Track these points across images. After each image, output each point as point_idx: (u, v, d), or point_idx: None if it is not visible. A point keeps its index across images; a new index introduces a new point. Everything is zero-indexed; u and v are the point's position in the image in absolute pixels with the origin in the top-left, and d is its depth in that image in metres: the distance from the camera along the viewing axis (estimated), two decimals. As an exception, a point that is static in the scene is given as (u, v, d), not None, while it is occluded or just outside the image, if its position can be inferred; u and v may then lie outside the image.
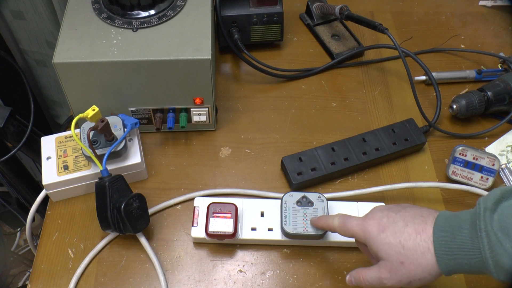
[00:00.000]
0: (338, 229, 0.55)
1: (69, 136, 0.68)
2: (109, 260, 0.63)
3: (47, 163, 0.65)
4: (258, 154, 0.74)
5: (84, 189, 0.67)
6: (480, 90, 0.77)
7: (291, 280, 0.62)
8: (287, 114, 0.79)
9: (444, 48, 0.90)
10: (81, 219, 0.66)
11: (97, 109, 0.59)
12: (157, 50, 0.63)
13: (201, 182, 0.70)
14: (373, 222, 0.51)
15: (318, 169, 0.69)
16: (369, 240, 0.51)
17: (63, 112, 1.23)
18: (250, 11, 0.81)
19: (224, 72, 0.85)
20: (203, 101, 0.69)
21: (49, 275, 0.61)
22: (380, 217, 0.51)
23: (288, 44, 0.89)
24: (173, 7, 0.68)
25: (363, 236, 0.51)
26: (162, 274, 0.61)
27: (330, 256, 0.64)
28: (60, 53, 0.62)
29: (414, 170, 0.73)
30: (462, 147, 0.71)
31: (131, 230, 0.60)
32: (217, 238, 0.62)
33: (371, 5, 0.97)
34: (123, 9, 0.66)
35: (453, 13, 0.97)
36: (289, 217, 0.61)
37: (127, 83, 0.65)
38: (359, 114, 0.79)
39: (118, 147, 0.63)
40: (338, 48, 0.87)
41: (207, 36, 0.65)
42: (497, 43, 0.91)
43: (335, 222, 0.55)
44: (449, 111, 0.78)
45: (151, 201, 0.67)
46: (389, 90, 0.83)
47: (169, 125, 0.71)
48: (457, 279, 0.62)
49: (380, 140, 0.72)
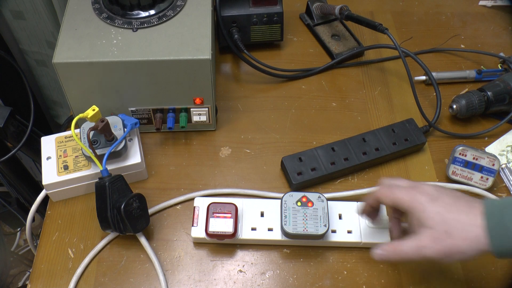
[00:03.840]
0: (382, 194, 0.54)
1: (69, 136, 0.68)
2: (109, 260, 0.63)
3: (47, 163, 0.65)
4: (258, 154, 0.74)
5: (84, 189, 0.67)
6: (480, 90, 0.77)
7: (291, 280, 0.62)
8: (287, 114, 0.79)
9: (444, 48, 0.90)
10: (81, 219, 0.66)
11: (97, 109, 0.59)
12: (157, 50, 0.63)
13: (201, 182, 0.70)
14: (424, 192, 0.51)
15: (318, 169, 0.69)
16: (416, 208, 0.50)
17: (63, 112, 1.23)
18: (250, 11, 0.81)
19: (224, 72, 0.85)
20: (203, 101, 0.69)
21: (49, 275, 0.61)
22: (430, 191, 0.51)
23: (288, 44, 0.89)
24: (173, 7, 0.68)
25: (411, 203, 0.51)
26: (162, 274, 0.61)
27: (330, 256, 0.64)
28: (60, 53, 0.62)
29: (414, 170, 0.73)
30: (462, 147, 0.71)
31: (131, 230, 0.60)
32: (217, 238, 0.62)
33: (371, 5, 0.97)
34: (123, 9, 0.66)
35: (453, 13, 0.97)
36: (289, 217, 0.61)
37: (127, 83, 0.65)
38: (359, 114, 0.79)
39: (118, 147, 0.63)
40: (338, 48, 0.87)
41: (207, 36, 0.65)
42: (497, 43, 0.91)
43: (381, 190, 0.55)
44: (449, 111, 0.78)
45: (151, 201, 0.67)
46: (389, 90, 0.83)
47: (169, 125, 0.71)
48: (458, 279, 0.62)
49: (380, 140, 0.72)
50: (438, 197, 0.50)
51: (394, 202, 0.53)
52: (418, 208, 0.50)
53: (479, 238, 0.46)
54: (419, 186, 0.53)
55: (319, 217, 0.61)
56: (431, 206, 0.49)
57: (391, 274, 0.63)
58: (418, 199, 0.50)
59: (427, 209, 0.49)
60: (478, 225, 0.47)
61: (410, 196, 0.51)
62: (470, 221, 0.47)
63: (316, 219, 0.61)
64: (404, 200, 0.52)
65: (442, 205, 0.49)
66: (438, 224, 0.48)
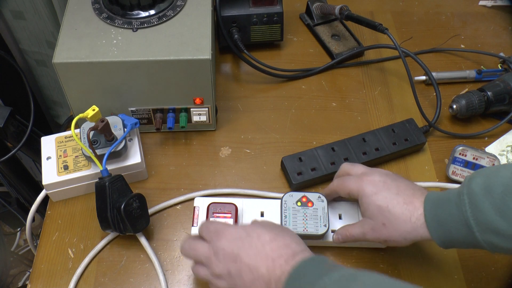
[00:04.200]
0: (336, 186, 0.60)
1: (69, 136, 0.68)
2: (109, 260, 0.63)
3: (47, 163, 0.65)
4: (258, 154, 0.74)
5: (84, 189, 0.67)
6: (480, 90, 0.77)
7: (291, 280, 0.62)
8: (287, 114, 0.79)
9: (444, 48, 0.90)
10: (81, 219, 0.66)
11: (97, 109, 0.59)
12: (157, 50, 0.63)
13: (201, 182, 0.70)
14: (370, 183, 0.56)
15: (318, 169, 0.69)
16: (362, 198, 0.56)
17: (63, 112, 1.23)
18: (250, 11, 0.81)
19: (224, 72, 0.85)
20: (203, 101, 0.69)
21: (49, 275, 0.61)
22: (377, 181, 0.56)
23: (288, 44, 0.89)
24: (173, 7, 0.68)
25: (358, 193, 0.57)
26: (162, 274, 0.61)
27: (330, 256, 0.64)
28: (60, 53, 0.62)
29: (414, 170, 0.73)
30: (462, 147, 0.71)
31: (131, 230, 0.60)
32: None
33: (371, 5, 0.97)
34: (123, 9, 0.66)
35: (453, 13, 0.97)
36: (289, 217, 0.61)
37: (127, 83, 0.65)
38: (359, 114, 0.79)
39: (118, 147, 0.63)
40: (338, 48, 0.87)
41: (207, 36, 0.65)
42: (497, 43, 0.91)
43: (334, 182, 0.61)
44: (449, 111, 0.78)
45: (151, 201, 0.67)
46: (389, 90, 0.83)
47: (169, 125, 0.71)
48: (458, 279, 0.62)
49: (380, 140, 0.72)
50: (381, 190, 0.55)
51: (347, 193, 0.59)
52: (363, 199, 0.56)
53: (410, 231, 0.53)
54: (368, 175, 0.57)
55: (319, 217, 0.61)
56: (373, 199, 0.55)
57: (391, 274, 0.63)
58: (364, 190, 0.56)
59: (370, 201, 0.55)
60: (414, 219, 0.52)
61: (357, 186, 0.57)
62: (404, 216, 0.53)
63: (316, 219, 0.61)
64: (354, 191, 0.58)
65: (382, 198, 0.54)
66: (377, 216, 0.55)
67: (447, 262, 0.64)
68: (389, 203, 0.54)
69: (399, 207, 0.53)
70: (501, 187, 0.46)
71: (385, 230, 0.54)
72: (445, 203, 0.50)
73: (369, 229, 0.56)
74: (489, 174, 0.48)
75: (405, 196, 0.54)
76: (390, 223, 0.54)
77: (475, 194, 0.47)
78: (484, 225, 0.46)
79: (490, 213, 0.46)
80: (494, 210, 0.46)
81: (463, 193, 0.49)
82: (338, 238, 0.60)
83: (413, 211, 0.53)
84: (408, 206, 0.53)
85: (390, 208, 0.54)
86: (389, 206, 0.54)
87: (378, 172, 0.58)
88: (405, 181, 0.57)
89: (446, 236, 0.50)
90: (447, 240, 0.51)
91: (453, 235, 0.49)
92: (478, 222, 0.47)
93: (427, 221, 0.51)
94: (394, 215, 0.53)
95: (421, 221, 0.52)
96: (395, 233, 0.54)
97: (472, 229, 0.47)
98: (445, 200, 0.51)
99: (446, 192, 0.52)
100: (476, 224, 0.47)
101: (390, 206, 0.54)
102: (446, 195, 0.51)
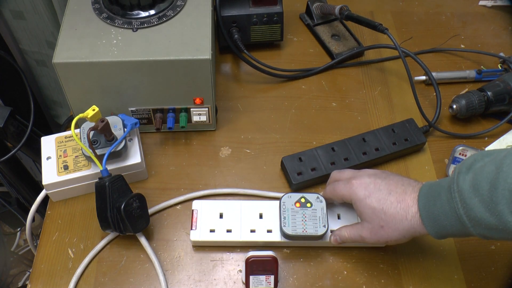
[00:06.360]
0: (329, 193, 0.61)
1: (69, 136, 0.68)
2: (109, 260, 0.63)
3: (47, 163, 0.65)
4: (258, 154, 0.74)
5: (84, 189, 0.67)
6: (480, 90, 0.77)
7: (291, 280, 0.62)
8: (287, 114, 0.79)
9: (444, 48, 0.90)
10: (81, 219, 0.66)
11: (97, 109, 0.59)
12: (157, 50, 0.63)
13: (201, 182, 0.70)
14: (361, 186, 0.57)
15: (318, 169, 0.69)
16: (355, 202, 0.57)
17: (63, 112, 1.23)
18: (250, 11, 0.81)
19: (224, 72, 0.85)
20: (203, 101, 0.69)
21: (49, 275, 0.61)
22: (367, 183, 0.57)
23: (288, 44, 0.89)
24: (173, 7, 0.68)
25: (351, 197, 0.57)
26: (162, 274, 0.61)
27: (330, 256, 0.64)
28: (60, 53, 0.62)
29: (414, 170, 0.73)
30: (462, 147, 0.71)
31: (131, 230, 0.60)
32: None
33: (371, 5, 0.97)
34: (123, 9, 0.66)
35: (453, 13, 0.97)
36: (288, 218, 0.61)
37: (127, 83, 0.65)
38: (359, 114, 0.79)
39: (118, 147, 0.63)
40: (338, 48, 0.87)
41: (207, 36, 0.65)
42: (497, 43, 0.91)
43: (326, 189, 0.62)
44: (449, 111, 0.78)
45: (151, 201, 0.67)
46: (389, 90, 0.83)
47: (169, 125, 0.71)
48: (458, 279, 0.62)
49: (380, 140, 0.72)
50: (373, 192, 0.56)
51: (340, 198, 0.60)
52: (356, 203, 0.57)
53: (406, 229, 0.53)
54: (356, 178, 0.58)
55: (318, 217, 0.61)
56: (367, 203, 0.56)
57: (391, 274, 0.63)
58: (357, 194, 0.57)
59: (362, 205, 0.56)
60: (410, 217, 0.53)
61: (348, 190, 0.58)
62: (399, 215, 0.54)
63: (315, 220, 0.61)
64: (345, 195, 0.58)
65: (376, 201, 0.55)
66: (374, 219, 0.55)
67: (447, 262, 0.64)
68: (383, 204, 0.55)
69: (393, 207, 0.54)
70: (487, 184, 0.46)
71: (384, 232, 0.55)
72: (437, 199, 0.51)
73: (367, 233, 0.56)
74: (476, 170, 0.48)
75: (397, 195, 0.54)
76: (387, 224, 0.54)
77: (464, 192, 0.48)
78: (476, 221, 0.47)
79: (480, 211, 0.46)
80: (484, 207, 0.46)
81: (454, 190, 0.49)
82: (336, 239, 0.61)
83: (407, 209, 0.53)
84: (402, 205, 0.54)
85: (385, 210, 0.54)
86: (384, 208, 0.54)
87: (367, 173, 0.58)
88: (394, 177, 0.57)
89: (442, 231, 0.51)
90: (443, 233, 0.51)
91: (448, 229, 0.50)
92: (470, 219, 0.48)
93: (422, 219, 0.52)
94: (390, 216, 0.54)
95: (416, 219, 0.53)
96: (394, 233, 0.54)
97: (466, 225, 0.48)
98: (437, 196, 0.51)
99: (437, 186, 0.52)
100: (469, 220, 0.48)
101: (384, 207, 0.54)
102: (437, 190, 0.51)
